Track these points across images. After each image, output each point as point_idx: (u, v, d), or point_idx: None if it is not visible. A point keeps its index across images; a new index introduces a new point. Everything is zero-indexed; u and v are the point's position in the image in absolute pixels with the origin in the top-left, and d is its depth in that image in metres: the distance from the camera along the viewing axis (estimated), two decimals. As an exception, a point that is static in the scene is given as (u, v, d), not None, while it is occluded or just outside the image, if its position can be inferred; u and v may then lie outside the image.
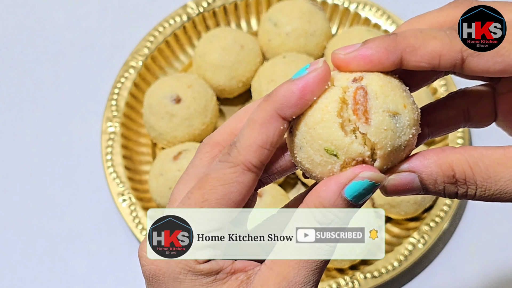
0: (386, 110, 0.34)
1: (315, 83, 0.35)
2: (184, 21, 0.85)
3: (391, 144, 0.34)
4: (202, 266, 0.35)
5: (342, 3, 0.86)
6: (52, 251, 0.77)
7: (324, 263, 0.34)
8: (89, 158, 0.81)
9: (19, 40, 0.91)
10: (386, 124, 0.34)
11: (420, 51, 0.35)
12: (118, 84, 0.81)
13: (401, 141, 0.34)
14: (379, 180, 0.34)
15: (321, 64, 0.35)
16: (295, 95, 0.34)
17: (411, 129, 0.35)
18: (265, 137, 0.35)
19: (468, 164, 0.35)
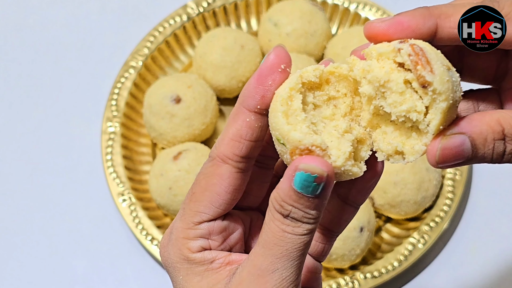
0: (441, 63, 0.33)
1: (267, 68, 0.36)
2: (184, 21, 0.85)
3: (452, 97, 0.33)
4: (194, 255, 0.38)
5: (342, 3, 0.86)
6: (52, 251, 0.77)
7: (291, 251, 0.35)
8: (89, 158, 0.81)
9: (19, 40, 0.91)
10: (446, 75, 0.33)
11: (454, 17, 0.36)
12: (118, 84, 0.81)
13: (456, 97, 0.34)
14: (316, 172, 0.33)
15: (271, 50, 0.36)
16: (252, 84, 0.36)
17: (460, 87, 0.35)
18: (234, 130, 0.37)
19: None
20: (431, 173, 0.72)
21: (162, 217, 0.76)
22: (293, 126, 0.35)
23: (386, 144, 0.37)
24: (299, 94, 0.35)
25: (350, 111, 0.38)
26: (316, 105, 0.38)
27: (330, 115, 0.38)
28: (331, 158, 0.34)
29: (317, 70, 0.36)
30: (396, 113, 0.35)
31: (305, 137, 0.34)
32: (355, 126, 0.38)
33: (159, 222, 0.75)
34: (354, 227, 0.68)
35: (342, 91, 0.38)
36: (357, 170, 0.36)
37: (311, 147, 0.34)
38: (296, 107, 0.35)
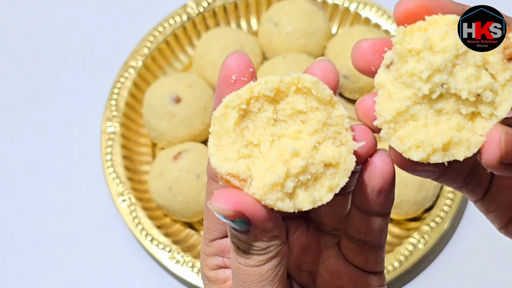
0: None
1: (220, 80, 0.34)
2: (184, 21, 0.85)
3: None
4: (209, 273, 0.37)
5: (342, 3, 0.85)
6: (52, 251, 0.77)
7: (250, 283, 0.33)
8: (89, 158, 0.81)
9: (19, 40, 0.91)
10: None
11: None
12: (118, 84, 0.81)
13: None
14: (218, 211, 0.31)
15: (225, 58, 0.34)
16: (214, 100, 0.35)
17: None
18: None
19: None
20: (431, 173, 0.72)
21: (162, 217, 0.76)
22: (218, 150, 0.32)
23: (427, 139, 0.32)
24: (234, 112, 0.32)
25: (323, 127, 0.33)
26: (277, 120, 0.33)
27: (293, 133, 0.33)
28: (250, 190, 0.31)
29: (269, 82, 0.32)
30: (472, 90, 0.31)
31: (220, 165, 0.32)
32: (327, 147, 0.33)
33: (159, 222, 0.75)
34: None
35: (312, 105, 0.33)
36: (286, 206, 0.31)
37: (226, 176, 0.31)
38: (228, 127, 0.32)
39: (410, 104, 0.33)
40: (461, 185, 0.36)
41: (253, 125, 0.33)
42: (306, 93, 0.33)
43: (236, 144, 0.32)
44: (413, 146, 0.32)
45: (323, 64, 0.34)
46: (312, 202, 0.32)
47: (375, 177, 0.33)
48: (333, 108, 0.33)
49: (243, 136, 0.33)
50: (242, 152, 0.32)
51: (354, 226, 0.36)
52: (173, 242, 0.72)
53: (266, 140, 0.33)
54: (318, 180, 0.33)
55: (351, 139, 0.33)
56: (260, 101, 0.33)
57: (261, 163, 0.32)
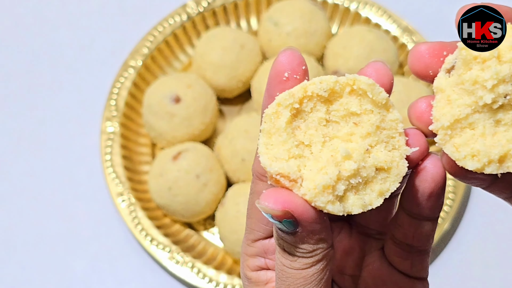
0: None
1: (271, 78, 0.33)
2: (184, 20, 0.85)
3: None
4: (250, 274, 0.36)
5: (342, 3, 0.85)
6: (52, 251, 0.77)
7: (294, 286, 0.32)
8: (88, 158, 0.81)
9: (19, 40, 0.91)
10: None
11: None
12: (118, 83, 0.81)
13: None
14: (266, 211, 0.30)
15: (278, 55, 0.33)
16: (264, 97, 0.35)
17: None
18: None
19: None
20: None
21: (162, 217, 0.76)
22: (268, 149, 0.31)
23: (484, 149, 0.31)
24: (286, 111, 0.32)
25: (376, 131, 0.32)
26: (330, 121, 0.33)
27: (345, 135, 0.33)
28: (300, 191, 0.31)
29: (324, 82, 0.32)
30: None
31: (271, 164, 0.31)
32: (379, 151, 0.33)
33: (158, 223, 0.74)
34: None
35: (367, 107, 0.32)
36: (336, 209, 0.31)
37: (276, 175, 0.31)
38: (279, 126, 0.31)
39: (470, 112, 0.32)
40: (510, 195, 0.35)
41: (305, 125, 0.32)
42: (361, 95, 0.32)
43: (287, 143, 0.31)
44: (469, 155, 0.31)
45: (378, 65, 0.33)
46: (362, 206, 0.32)
47: (426, 181, 0.33)
48: (387, 112, 0.33)
49: (294, 136, 0.32)
50: (293, 152, 0.32)
51: (402, 230, 0.35)
52: (172, 242, 0.72)
53: (318, 141, 0.32)
54: (368, 184, 0.32)
55: (404, 144, 0.33)
56: (313, 100, 0.32)
57: (312, 164, 0.31)
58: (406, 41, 0.82)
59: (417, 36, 0.82)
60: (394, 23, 0.83)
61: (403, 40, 0.83)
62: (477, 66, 0.32)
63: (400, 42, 0.83)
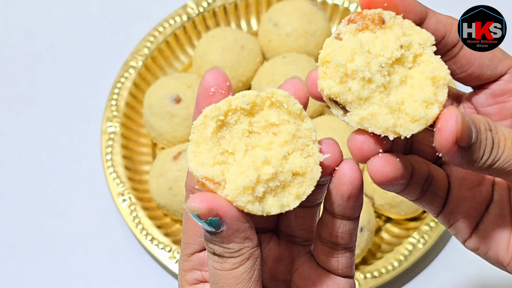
0: None
1: (199, 94, 0.37)
2: (184, 21, 0.85)
3: None
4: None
5: (342, 3, 0.86)
6: (52, 251, 0.77)
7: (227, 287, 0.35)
8: (89, 158, 0.81)
9: (19, 40, 0.91)
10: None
11: (440, 15, 0.37)
12: (118, 84, 0.81)
13: None
14: (192, 210, 0.33)
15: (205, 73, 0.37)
16: (194, 111, 0.37)
17: None
18: None
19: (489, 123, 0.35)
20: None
21: (162, 217, 0.76)
22: (196, 156, 0.35)
23: (393, 116, 0.35)
24: (212, 122, 0.35)
25: (293, 139, 0.36)
26: (252, 132, 0.36)
27: (266, 144, 0.36)
28: (223, 193, 0.34)
29: (246, 96, 0.35)
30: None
31: (197, 169, 0.34)
32: (295, 157, 0.36)
33: (159, 222, 0.75)
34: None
35: (284, 118, 0.36)
36: (255, 209, 0.34)
37: (202, 179, 0.34)
38: (206, 135, 0.35)
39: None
40: (419, 196, 0.38)
41: (230, 135, 0.36)
42: (278, 107, 0.36)
43: (212, 151, 0.35)
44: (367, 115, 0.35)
45: (295, 81, 0.37)
46: (280, 207, 0.35)
47: (344, 183, 0.36)
48: (302, 122, 0.36)
49: (219, 145, 0.35)
50: (218, 158, 0.35)
51: (327, 230, 0.38)
52: (173, 241, 0.72)
53: (241, 149, 0.35)
54: (286, 187, 0.35)
55: (317, 151, 0.36)
56: (237, 113, 0.36)
57: (234, 169, 0.35)
58: (406, 41, 0.83)
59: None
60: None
61: (402, 40, 0.83)
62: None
63: (400, 43, 0.83)
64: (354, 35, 0.39)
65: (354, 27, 0.39)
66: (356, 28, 0.39)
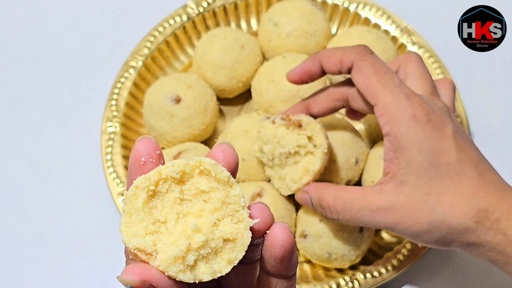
0: None
1: (131, 163, 0.38)
2: (184, 21, 0.85)
3: None
4: None
5: (342, 3, 0.86)
6: (52, 251, 0.77)
7: None
8: (89, 158, 0.81)
9: (19, 40, 0.91)
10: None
11: (331, 59, 0.56)
12: (118, 84, 0.81)
13: None
14: (125, 283, 0.34)
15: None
16: (128, 181, 0.39)
17: None
18: None
19: (332, 198, 0.56)
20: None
21: (162, 217, 0.76)
22: (128, 227, 0.35)
23: (290, 182, 0.63)
24: (143, 193, 0.35)
25: (222, 206, 0.37)
26: (183, 200, 0.37)
27: (197, 211, 0.37)
28: (155, 263, 0.35)
29: (175, 166, 0.36)
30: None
31: (129, 240, 0.35)
32: (226, 223, 0.37)
33: (159, 222, 0.75)
34: (354, 227, 0.68)
35: (213, 185, 0.37)
36: (187, 278, 0.35)
37: (134, 250, 0.35)
38: (137, 206, 0.35)
39: None
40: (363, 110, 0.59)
41: (161, 204, 0.36)
42: (207, 175, 0.37)
43: (144, 221, 0.35)
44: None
45: (223, 147, 0.38)
46: (212, 274, 0.35)
47: (276, 246, 0.37)
48: (231, 188, 0.37)
49: (151, 214, 0.36)
50: (150, 228, 0.35)
51: (264, 287, 0.40)
52: (173, 242, 0.72)
53: (172, 218, 0.36)
54: (218, 253, 0.36)
55: (247, 216, 0.37)
56: (168, 182, 0.36)
57: (166, 239, 0.35)
58: (406, 41, 0.83)
59: (416, 37, 0.82)
60: (393, 24, 0.84)
61: (402, 40, 0.83)
62: None
63: (400, 43, 0.83)
64: (277, 127, 0.63)
65: (282, 122, 0.62)
66: (284, 123, 0.62)
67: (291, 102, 0.75)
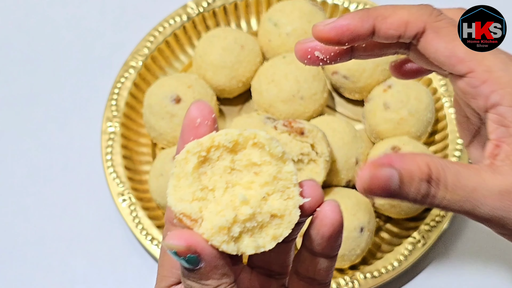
0: None
1: (185, 125, 0.37)
2: (184, 21, 0.85)
3: None
4: None
5: (342, 3, 0.86)
6: (52, 251, 0.77)
7: None
8: (89, 158, 0.81)
9: (19, 40, 0.91)
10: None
11: (390, 19, 0.39)
12: (118, 84, 0.81)
13: None
14: (171, 247, 0.33)
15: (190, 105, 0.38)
16: (179, 143, 0.38)
17: None
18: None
19: (442, 167, 0.36)
20: (431, 173, 0.72)
21: (162, 217, 0.76)
22: (176, 191, 0.35)
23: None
24: (194, 158, 0.35)
25: (273, 181, 0.36)
26: (233, 169, 0.36)
27: (246, 183, 0.36)
28: (199, 230, 0.34)
29: (228, 135, 0.35)
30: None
31: (175, 204, 0.34)
32: (275, 199, 0.36)
33: (159, 222, 0.75)
34: (354, 227, 0.68)
35: (266, 159, 0.36)
36: (230, 249, 0.34)
37: (179, 215, 0.34)
38: (187, 170, 0.35)
39: None
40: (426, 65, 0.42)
41: (211, 171, 0.36)
42: (261, 148, 0.36)
43: (192, 186, 0.35)
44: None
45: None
46: (255, 248, 0.35)
47: (326, 225, 0.36)
48: (284, 164, 0.36)
49: (200, 181, 0.35)
50: (197, 195, 0.35)
51: (304, 265, 0.39)
52: (173, 242, 0.72)
53: (221, 187, 0.36)
54: (263, 228, 0.36)
55: (297, 194, 0.36)
56: (220, 150, 0.36)
57: (213, 207, 0.35)
58: (406, 41, 0.83)
59: (417, 37, 0.82)
60: (393, 24, 0.84)
61: (402, 40, 0.83)
62: None
63: (400, 43, 0.83)
64: (280, 133, 0.64)
65: (284, 129, 0.63)
66: (286, 130, 0.63)
67: (291, 102, 0.75)
